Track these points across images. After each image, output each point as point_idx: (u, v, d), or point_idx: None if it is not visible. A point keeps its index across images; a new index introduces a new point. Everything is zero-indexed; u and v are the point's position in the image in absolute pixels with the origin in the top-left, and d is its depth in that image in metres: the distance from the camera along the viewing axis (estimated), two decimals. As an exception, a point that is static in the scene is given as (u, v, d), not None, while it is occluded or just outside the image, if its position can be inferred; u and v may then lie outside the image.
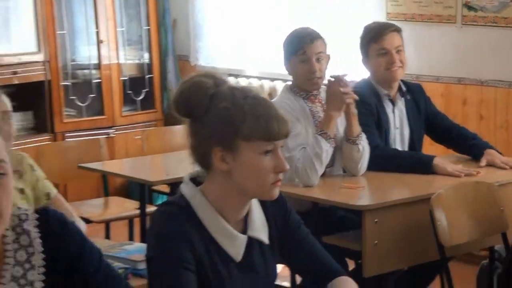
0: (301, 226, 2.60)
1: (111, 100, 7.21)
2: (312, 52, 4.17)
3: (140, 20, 7.44)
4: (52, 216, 2.03)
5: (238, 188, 2.41)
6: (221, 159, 2.38)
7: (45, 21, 6.81)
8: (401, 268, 4.20)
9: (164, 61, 7.55)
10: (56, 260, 2.00)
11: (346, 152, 4.24)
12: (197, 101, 2.40)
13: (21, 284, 1.95)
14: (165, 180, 4.80)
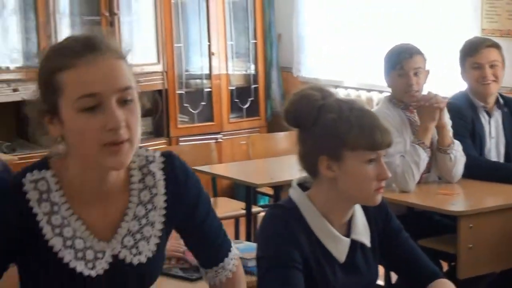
0: (401, 230, 2.60)
1: (220, 108, 7.26)
2: (410, 67, 4.13)
3: (248, 34, 7.47)
4: (177, 161, 2.05)
5: (343, 194, 2.42)
6: (327, 167, 2.39)
7: (164, 34, 6.91)
8: (494, 271, 4.12)
9: (269, 72, 7.56)
10: (176, 204, 2.02)
11: (439, 161, 4.22)
12: (306, 113, 2.41)
13: (142, 223, 1.96)
14: (269, 183, 4.81)
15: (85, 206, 1.89)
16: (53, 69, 1.80)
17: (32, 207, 1.83)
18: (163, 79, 6.89)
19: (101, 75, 1.78)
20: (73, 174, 1.88)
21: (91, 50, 1.79)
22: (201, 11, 7.19)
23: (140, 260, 1.94)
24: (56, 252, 1.85)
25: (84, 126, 1.76)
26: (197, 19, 7.21)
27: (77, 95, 1.76)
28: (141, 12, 6.94)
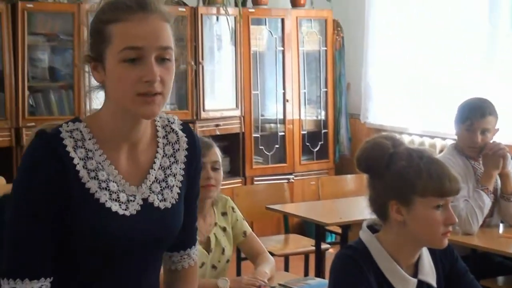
0: (467, 272, 2.53)
1: (292, 150, 7.24)
2: (479, 126, 4.05)
3: (320, 83, 7.46)
4: (194, 132, 2.12)
5: (411, 237, 2.37)
6: (396, 211, 2.35)
7: (243, 82, 6.95)
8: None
9: (338, 118, 7.53)
10: (192, 163, 2.07)
11: (503, 206, 4.15)
12: (377, 160, 2.37)
13: (166, 173, 2.01)
14: (338, 222, 4.75)
15: (116, 153, 1.93)
16: (106, 20, 1.85)
17: (69, 151, 1.86)
18: (240, 123, 6.92)
19: (146, 32, 1.83)
20: (105, 123, 1.92)
21: (142, 8, 1.84)
22: (277, 62, 7.22)
23: (166, 205, 1.98)
24: (92, 194, 1.87)
25: (124, 75, 1.82)
26: (273, 69, 7.24)
27: (122, 46, 1.81)
28: (223, 62, 7.00)
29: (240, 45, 6.92)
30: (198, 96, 6.69)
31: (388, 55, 7.11)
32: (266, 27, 7.20)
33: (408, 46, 6.92)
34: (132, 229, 1.90)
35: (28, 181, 1.84)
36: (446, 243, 2.38)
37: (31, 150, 1.87)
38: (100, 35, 1.85)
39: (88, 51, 1.89)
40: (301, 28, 7.29)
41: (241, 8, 6.84)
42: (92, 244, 1.88)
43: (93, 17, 1.91)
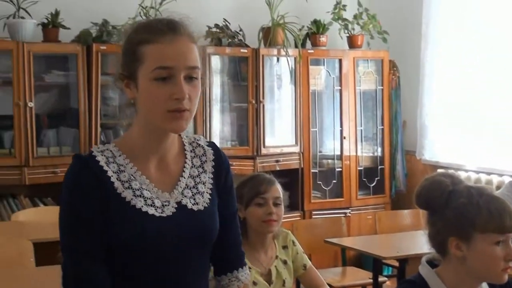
0: (529, 308, 2.48)
1: (349, 186, 7.21)
2: None
3: (376, 121, 7.44)
4: (221, 151, 2.17)
5: (471, 272, 2.34)
6: (456, 247, 2.32)
7: (302, 120, 6.96)
8: None
9: (394, 155, 7.48)
10: (220, 175, 2.12)
11: None
12: (437, 197, 2.36)
13: (196, 181, 2.06)
14: (395, 256, 4.72)
15: (146, 166, 1.99)
16: (139, 41, 1.92)
17: (102, 166, 1.93)
18: (299, 159, 6.92)
19: (177, 52, 1.90)
20: (135, 140, 1.99)
21: (172, 31, 1.92)
22: (335, 100, 7.22)
23: (199, 208, 2.02)
24: (128, 201, 1.93)
25: (155, 92, 1.89)
26: (331, 107, 7.24)
27: (154, 66, 1.89)
28: (283, 100, 7.03)
29: (300, 85, 6.95)
30: (258, 133, 6.73)
31: (443, 94, 7.06)
32: (324, 67, 7.23)
33: (463, 84, 6.85)
34: (169, 229, 1.95)
35: (71, 197, 1.93)
36: (506, 278, 2.34)
37: (70, 171, 1.95)
38: (133, 55, 1.92)
39: (121, 69, 1.97)
40: (358, 68, 7.30)
41: (300, 49, 6.87)
42: (133, 247, 1.92)
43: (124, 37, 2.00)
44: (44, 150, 5.94)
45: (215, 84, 6.71)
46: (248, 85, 6.73)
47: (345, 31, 7.28)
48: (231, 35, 6.74)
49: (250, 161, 6.67)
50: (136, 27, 1.98)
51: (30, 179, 5.78)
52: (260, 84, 6.73)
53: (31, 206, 5.78)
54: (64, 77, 6.14)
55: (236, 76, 6.89)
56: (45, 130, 6.04)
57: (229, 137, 6.83)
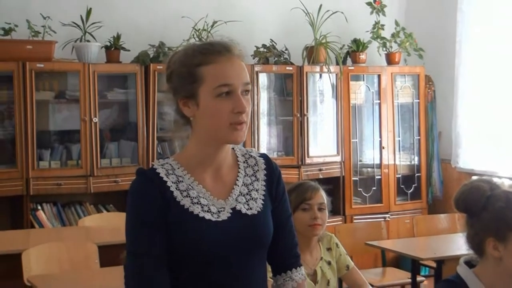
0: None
1: (388, 192, 7.14)
2: None
3: (413, 132, 7.36)
4: (272, 161, 2.17)
5: (508, 272, 2.29)
6: (493, 248, 2.28)
7: (343, 131, 6.93)
8: None
9: (430, 163, 7.39)
10: (272, 183, 2.12)
11: None
12: (475, 201, 2.32)
13: (249, 189, 2.06)
14: (432, 257, 4.64)
15: (203, 176, 2.01)
16: (197, 63, 1.95)
17: (162, 177, 1.96)
18: (341, 168, 6.88)
19: (234, 71, 1.95)
20: (192, 154, 2.01)
21: (228, 51, 1.97)
22: (374, 113, 7.18)
23: (253, 212, 2.02)
24: (187, 208, 1.95)
25: (219, 108, 1.92)
26: (370, 119, 7.20)
27: (217, 84, 1.92)
28: (325, 113, 7.00)
29: (341, 99, 6.92)
30: (303, 144, 6.70)
31: (476, 105, 6.97)
32: (364, 83, 7.18)
33: (495, 95, 6.79)
34: (226, 233, 1.96)
35: (136, 205, 1.96)
36: (542, 275, 2.30)
37: (134, 183, 1.99)
38: (192, 76, 1.95)
39: (177, 91, 1.99)
40: (395, 82, 7.24)
41: (341, 66, 6.86)
42: (192, 251, 1.94)
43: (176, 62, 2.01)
44: (107, 161, 6.01)
45: (263, 99, 6.72)
46: (293, 100, 6.72)
47: (383, 49, 7.24)
48: (277, 54, 6.75)
49: (295, 170, 6.65)
50: (191, 52, 1.99)
51: (95, 187, 5.84)
52: (304, 98, 6.73)
53: (95, 212, 5.85)
54: (124, 94, 6.21)
55: (282, 92, 6.89)
56: (107, 143, 6.11)
57: (275, 148, 6.83)
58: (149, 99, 6.08)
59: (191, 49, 2.00)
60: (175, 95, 2.00)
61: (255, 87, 6.53)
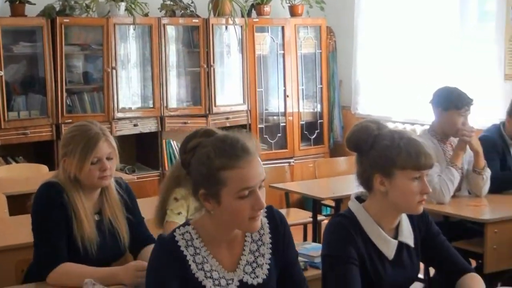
0: (439, 234, 2.55)
1: (292, 138, 7.24)
2: (468, 111, 4.08)
3: (315, 81, 7.44)
4: (275, 210, 2.25)
5: (393, 205, 2.39)
6: (380, 183, 2.37)
7: (249, 81, 6.94)
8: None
9: (331, 110, 7.52)
10: (278, 241, 2.20)
11: (473, 179, 4.14)
12: (364, 140, 2.40)
13: (256, 255, 2.16)
14: (331, 197, 4.75)
15: (217, 249, 2.11)
16: (219, 167, 2.00)
17: (182, 251, 2.07)
18: (247, 116, 6.93)
19: (255, 173, 2.02)
20: (210, 229, 2.10)
21: (247, 154, 2.01)
22: (278, 63, 7.20)
23: (258, 281, 2.13)
24: (200, 281, 2.06)
25: (240, 207, 2.01)
26: (275, 69, 7.22)
27: (240, 187, 2.00)
28: (231, 64, 6.99)
29: (246, 50, 6.92)
30: (210, 94, 6.70)
31: (374, 55, 7.14)
32: (268, 34, 7.19)
33: (391, 47, 6.96)
34: None
35: (157, 276, 2.06)
36: (421, 209, 2.40)
37: (156, 254, 2.09)
38: (214, 178, 2.00)
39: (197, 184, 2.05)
40: (298, 34, 7.27)
41: (246, 19, 6.83)
42: None
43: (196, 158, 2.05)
44: (14, 114, 5.85)
45: (171, 51, 6.65)
46: (200, 52, 6.68)
47: (287, 1, 7.24)
48: (183, 7, 6.69)
49: (203, 119, 6.66)
50: (212, 155, 2.02)
51: (3, 140, 5.70)
52: (210, 50, 6.69)
53: (4, 164, 5.71)
54: (31, 48, 6.01)
55: (190, 44, 6.83)
56: (15, 97, 5.94)
57: (184, 98, 6.79)
58: (57, 52, 5.93)
59: (212, 151, 2.02)
60: (195, 188, 2.07)
61: (163, 40, 6.47)
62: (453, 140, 4.19)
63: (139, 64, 6.54)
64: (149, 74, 6.49)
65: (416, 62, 6.70)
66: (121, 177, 3.10)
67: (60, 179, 2.80)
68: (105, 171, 2.77)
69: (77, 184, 2.78)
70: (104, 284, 2.51)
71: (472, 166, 4.13)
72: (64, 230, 2.72)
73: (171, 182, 3.16)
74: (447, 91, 4.16)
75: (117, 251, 2.86)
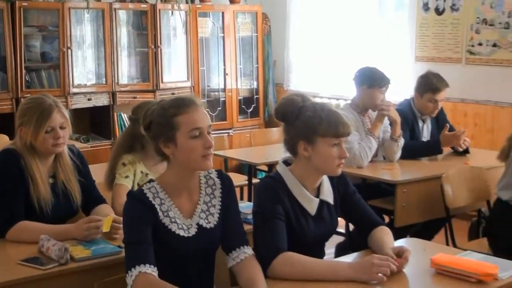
0: (355, 193, 2.58)
1: (231, 112, 7.23)
2: (387, 89, 4.15)
3: (252, 61, 7.43)
4: (224, 174, 2.37)
5: (315, 168, 2.42)
6: (304, 149, 2.39)
7: (193, 61, 6.88)
8: (420, 221, 4.10)
9: (266, 87, 7.53)
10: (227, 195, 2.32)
11: (389, 146, 4.22)
12: (290, 111, 2.41)
13: (208, 206, 2.27)
14: (265, 162, 4.78)
15: (178, 199, 2.21)
16: (172, 114, 2.13)
17: (151, 201, 2.15)
18: (191, 91, 6.85)
19: (201, 117, 2.16)
20: (171, 180, 2.20)
21: (194, 103, 2.17)
22: (219, 45, 7.16)
23: (210, 226, 2.24)
24: (167, 226, 2.16)
25: (193, 146, 2.13)
26: (216, 50, 7.17)
27: (190, 128, 2.12)
28: (177, 45, 6.90)
29: (190, 33, 6.85)
30: (157, 71, 6.62)
31: (304, 38, 7.15)
32: (210, 19, 7.13)
33: (319, 31, 6.99)
34: (194, 244, 2.19)
35: (133, 219, 2.14)
36: (340, 171, 2.43)
37: (130, 206, 2.15)
38: (170, 125, 2.13)
39: (158, 136, 2.16)
40: (237, 19, 7.24)
41: (190, 5, 6.77)
42: (168, 254, 2.16)
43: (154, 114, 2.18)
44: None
45: (122, 33, 6.54)
46: (148, 34, 6.60)
47: (227, -11, 7.21)
48: (133, -7, 6.57)
49: (151, 94, 6.59)
50: (167, 106, 2.15)
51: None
52: (158, 33, 6.61)
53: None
54: (-8, 29, 5.84)
55: (139, 27, 6.71)
56: (-24, 74, 5.78)
57: (134, 75, 6.70)
58: (16, 33, 5.77)
59: (166, 104, 2.17)
60: (156, 139, 2.18)
61: (114, 23, 6.35)
62: (371, 113, 4.24)
63: (94, 45, 6.41)
64: (102, 54, 6.38)
65: (341, 45, 6.76)
66: (74, 145, 3.06)
67: (17, 146, 2.75)
68: (59, 139, 2.74)
69: (32, 151, 2.74)
70: (58, 239, 2.48)
71: (390, 134, 4.20)
72: (21, 191, 2.68)
73: (120, 149, 3.15)
74: (370, 71, 4.19)
75: (70, 210, 2.83)
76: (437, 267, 2.29)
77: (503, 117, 5.54)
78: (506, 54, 5.49)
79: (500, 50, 5.53)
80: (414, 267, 2.32)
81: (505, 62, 5.52)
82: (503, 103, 5.53)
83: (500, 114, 5.56)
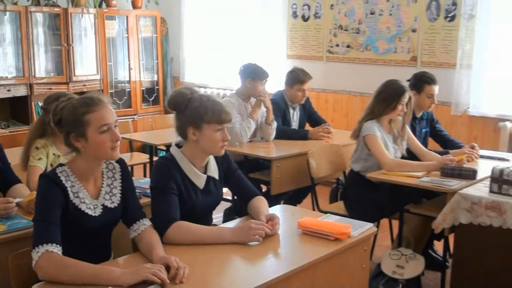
0: (237, 169, 2.55)
1: (136, 100, 7.00)
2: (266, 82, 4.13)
3: (153, 57, 7.22)
4: (121, 159, 2.22)
5: (202, 149, 2.36)
6: (192, 134, 2.33)
7: (101, 57, 6.59)
8: (291, 189, 4.15)
9: (165, 79, 7.36)
10: (125, 179, 2.21)
11: (264, 129, 4.22)
12: (180, 102, 2.34)
13: (111, 188, 2.16)
14: (164, 143, 4.64)
15: (86, 182, 2.09)
16: (82, 113, 2.00)
17: (64, 183, 2.02)
18: (100, 83, 6.58)
19: (109, 114, 2.04)
20: (81, 166, 2.07)
21: (101, 102, 2.04)
22: (124, 44, 6.89)
23: (114, 205, 2.14)
24: (77, 205, 2.04)
25: (102, 140, 2.01)
26: (121, 48, 6.90)
27: (100, 124, 2.00)
28: (87, 44, 6.56)
29: (99, 33, 6.54)
30: (70, 66, 6.28)
31: (196, 39, 7.03)
32: (116, 21, 6.83)
33: (209, 33, 6.90)
34: (99, 222, 2.08)
35: (44, 199, 1.97)
36: (223, 152, 2.40)
37: (44, 185, 1.98)
38: (80, 122, 2.00)
39: (69, 132, 2.02)
40: (139, 22, 6.99)
41: (98, 9, 6.47)
42: (77, 229, 2.03)
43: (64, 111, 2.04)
44: None
45: (39, 33, 6.15)
46: (61, 34, 6.24)
47: (130, -4, 6.94)
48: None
49: (65, 86, 6.25)
50: (77, 105, 2.02)
51: None
52: (70, 33, 6.26)
53: None
54: None
55: (53, 27, 6.32)
56: None
57: (50, 69, 6.32)
58: None
59: (77, 103, 2.03)
60: (67, 134, 2.04)
61: (30, 24, 5.95)
62: (252, 100, 4.23)
63: (13, 43, 6.00)
64: (21, 51, 5.98)
65: (227, 44, 6.70)
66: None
67: None
68: None
69: None
70: None
71: (265, 119, 4.21)
72: None
73: (33, 134, 3.00)
74: (254, 66, 4.19)
75: None
76: (303, 229, 2.30)
77: (355, 104, 5.72)
78: (357, 54, 5.66)
79: (352, 50, 5.69)
80: (285, 229, 2.33)
81: (356, 60, 5.68)
82: (355, 93, 5.71)
83: (353, 101, 5.74)
